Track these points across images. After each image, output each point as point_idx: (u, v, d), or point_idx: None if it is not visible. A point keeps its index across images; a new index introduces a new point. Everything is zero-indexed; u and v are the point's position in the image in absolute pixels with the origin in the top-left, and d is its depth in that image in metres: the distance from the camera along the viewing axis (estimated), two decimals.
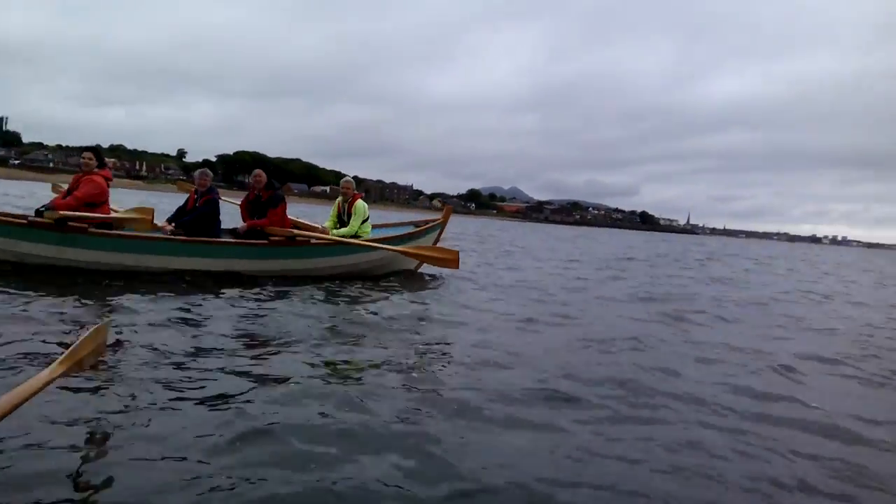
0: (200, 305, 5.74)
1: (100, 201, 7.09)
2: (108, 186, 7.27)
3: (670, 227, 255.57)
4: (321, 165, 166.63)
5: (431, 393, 3.77)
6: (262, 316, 5.53)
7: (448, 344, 5.28)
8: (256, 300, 6.26)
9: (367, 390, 3.68)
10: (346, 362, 4.34)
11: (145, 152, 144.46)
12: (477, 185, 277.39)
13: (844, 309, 10.86)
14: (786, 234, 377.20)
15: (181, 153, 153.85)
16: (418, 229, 9.66)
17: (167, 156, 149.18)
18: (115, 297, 5.76)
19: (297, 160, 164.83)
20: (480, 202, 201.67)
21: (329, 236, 8.53)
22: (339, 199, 9.13)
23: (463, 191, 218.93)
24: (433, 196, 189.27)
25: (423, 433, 3.11)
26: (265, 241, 7.90)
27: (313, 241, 8.24)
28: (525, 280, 10.69)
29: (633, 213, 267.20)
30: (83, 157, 7.22)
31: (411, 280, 8.95)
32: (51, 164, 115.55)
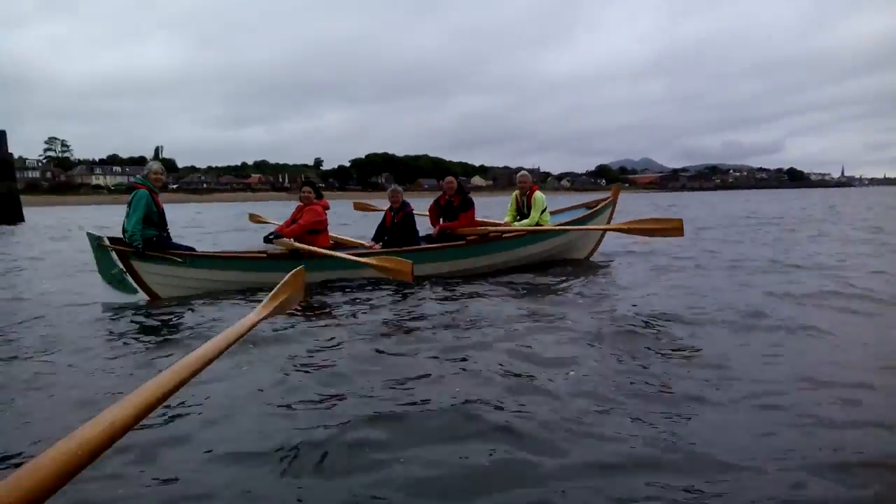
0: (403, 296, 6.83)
1: (321, 228, 8.03)
2: (326, 215, 8.22)
3: (823, 182, 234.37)
4: (447, 158, 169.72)
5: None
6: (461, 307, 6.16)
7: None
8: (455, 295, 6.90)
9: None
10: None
11: (286, 165, 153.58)
12: (606, 161, 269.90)
13: None
14: None
15: (318, 162, 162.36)
16: (593, 210, 9.71)
17: (306, 166, 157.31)
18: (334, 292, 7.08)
19: (424, 156, 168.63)
20: (610, 177, 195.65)
21: (519, 227, 8.88)
22: (517, 192, 9.36)
23: (591, 167, 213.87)
24: (561, 176, 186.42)
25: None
26: (462, 242, 8.52)
27: (505, 235, 8.69)
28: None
29: (779, 170, 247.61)
30: (303, 192, 8.22)
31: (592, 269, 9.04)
32: (204, 185, 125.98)
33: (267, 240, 7.83)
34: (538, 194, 9.07)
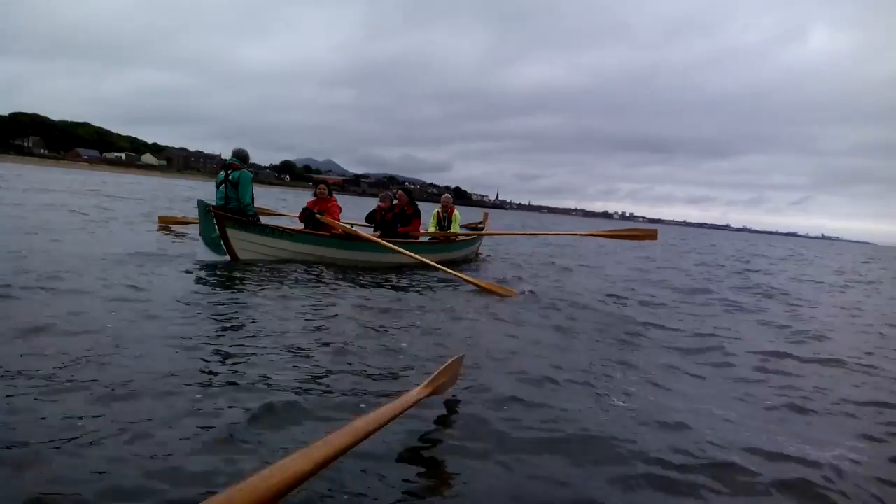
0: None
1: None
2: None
3: (482, 203, 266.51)
4: (115, 130, 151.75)
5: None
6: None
7: None
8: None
9: None
10: None
11: None
12: (291, 157, 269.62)
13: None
14: (582, 210, 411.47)
15: None
16: (481, 227, 14.46)
17: None
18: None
19: (86, 124, 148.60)
20: (295, 174, 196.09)
21: (471, 232, 13.30)
22: (438, 209, 12.45)
23: (275, 162, 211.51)
24: None
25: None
26: (439, 240, 11.84)
27: (460, 237, 12.31)
28: None
29: (447, 187, 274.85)
30: (319, 189, 10.14)
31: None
32: None
33: (308, 215, 9.71)
34: (456, 213, 12.43)
